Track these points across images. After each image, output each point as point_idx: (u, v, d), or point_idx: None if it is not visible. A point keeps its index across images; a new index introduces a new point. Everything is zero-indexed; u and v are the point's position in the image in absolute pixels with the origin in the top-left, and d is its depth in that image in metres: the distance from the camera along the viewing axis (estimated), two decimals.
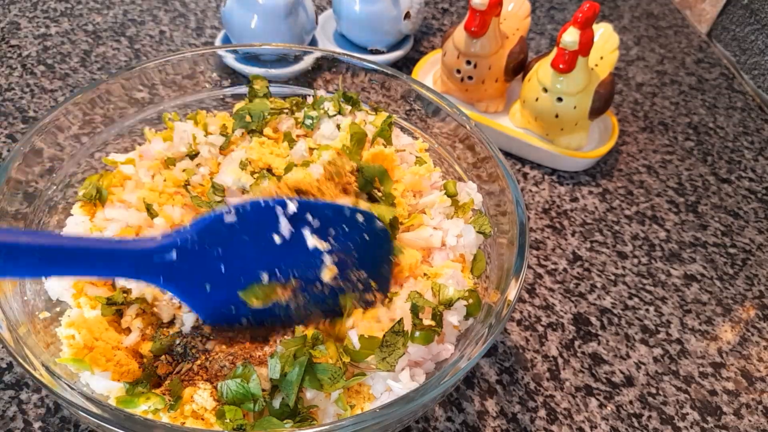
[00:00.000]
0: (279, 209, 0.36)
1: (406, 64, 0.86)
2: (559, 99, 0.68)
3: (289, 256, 0.37)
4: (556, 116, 0.69)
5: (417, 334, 0.39)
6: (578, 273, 0.64)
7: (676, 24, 1.07)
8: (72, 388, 0.33)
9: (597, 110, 0.69)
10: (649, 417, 0.53)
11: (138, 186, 0.46)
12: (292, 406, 0.36)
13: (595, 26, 0.67)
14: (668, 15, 1.09)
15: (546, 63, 0.68)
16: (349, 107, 0.52)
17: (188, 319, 0.39)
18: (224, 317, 0.38)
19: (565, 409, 0.53)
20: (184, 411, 0.36)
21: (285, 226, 0.36)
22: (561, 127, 0.71)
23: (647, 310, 0.61)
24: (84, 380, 0.37)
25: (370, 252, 0.40)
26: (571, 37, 0.64)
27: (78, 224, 0.44)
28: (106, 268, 0.34)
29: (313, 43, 0.82)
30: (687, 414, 0.53)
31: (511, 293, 0.39)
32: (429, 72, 0.81)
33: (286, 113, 0.52)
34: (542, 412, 0.52)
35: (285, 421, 0.35)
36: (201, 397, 0.36)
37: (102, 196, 0.45)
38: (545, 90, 0.69)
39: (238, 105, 0.51)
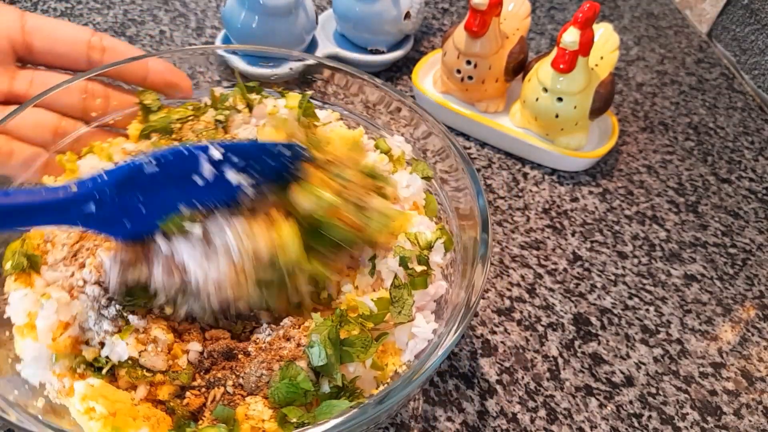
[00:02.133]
0: (202, 155, 0.36)
1: (406, 64, 0.86)
2: (560, 99, 0.68)
3: (211, 191, 0.37)
4: (556, 116, 0.69)
5: (415, 281, 0.41)
6: (578, 273, 0.64)
7: (676, 24, 1.07)
8: None
9: (597, 110, 0.69)
10: (649, 417, 0.53)
11: (69, 239, 0.42)
12: (341, 384, 0.36)
13: (595, 26, 0.67)
14: (668, 15, 1.09)
15: (546, 63, 0.68)
16: (257, 96, 0.51)
17: (193, 347, 0.38)
18: (141, 239, 0.38)
19: (565, 409, 0.53)
20: (244, 430, 0.35)
21: (208, 170, 0.36)
22: (561, 127, 0.71)
23: (647, 310, 0.61)
24: None
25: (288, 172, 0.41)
26: (571, 37, 0.64)
27: (22, 298, 0.39)
28: (24, 220, 0.34)
29: (314, 42, 0.82)
30: (687, 414, 0.53)
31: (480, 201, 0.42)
32: (429, 72, 0.81)
33: (192, 120, 0.49)
34: (542, 412, 0.52)
35: (342, 399, 0.36)
36: (255, 410, 0.36)
37: (34, 263, 0.41)
38: (545, 90, 0.69)
39: (133, 126, 0.49)
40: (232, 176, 0.37)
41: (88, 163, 0.46)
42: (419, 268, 0.42)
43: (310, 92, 0.51)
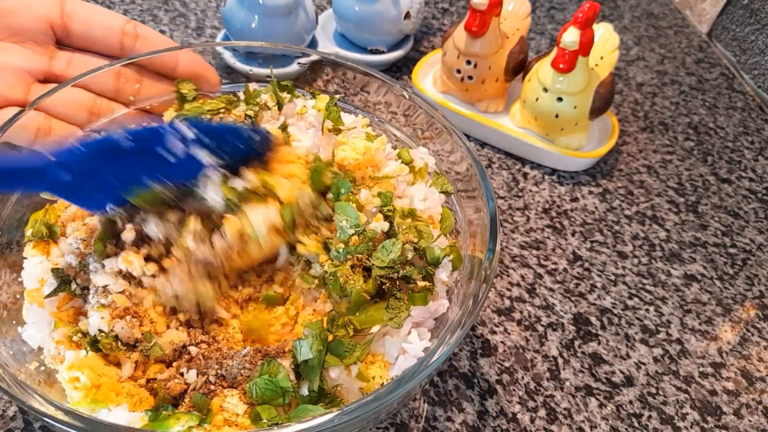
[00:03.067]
0: (174, 133, 0.38)
1: (406, 64, 0.86)
2: (560, 99, 0.68)
3: (181, 168, 0.39)
4: (557, 116, 0.69)
5: (414, 297, 0.41)
6: (578, 273, 0.64)
7: (676, 24, 1.07)
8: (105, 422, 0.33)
9: (597, 110, 0.69)
10: (649, 417, 0.53)
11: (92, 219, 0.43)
12: (316, 389, 0.36)
13: (595, 26, 0.67)
14: (668, 15, 1.09)
15: (546, 63, 0.68)
16: (288, 95, 0.52)
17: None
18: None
19: (565, 409, 0.53)
20: (217, 422, 0.36)
21: (180, 149, 0.38)
22: (561, 127, 0.71)
23: (647, 310, 0.61)
24: (102, 418, 0.36)
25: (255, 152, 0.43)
26: (571, 36, 0.64)
27: (36, 265, 0.41)
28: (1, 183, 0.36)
29: (313, 42, 0.82)
30: (687, 414, 0.53)
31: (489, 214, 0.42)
32: (429, 72, 0.81)
33: (223, 112, 0.50)
34: (542, 412, 0.52)
35: (318, 405, 0.36)
36: (230, 403, 0.36)
37: (53, 233, 0.42)
38: (545, 90, 0.69)
39: (168, 113, 0.50)
40: (201, 155, 0.39)
41: None
42: (421, 284, 0.41)
43: (337, 96, 0.52)
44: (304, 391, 0.36)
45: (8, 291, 0.41)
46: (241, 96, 0.52)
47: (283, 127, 0.47)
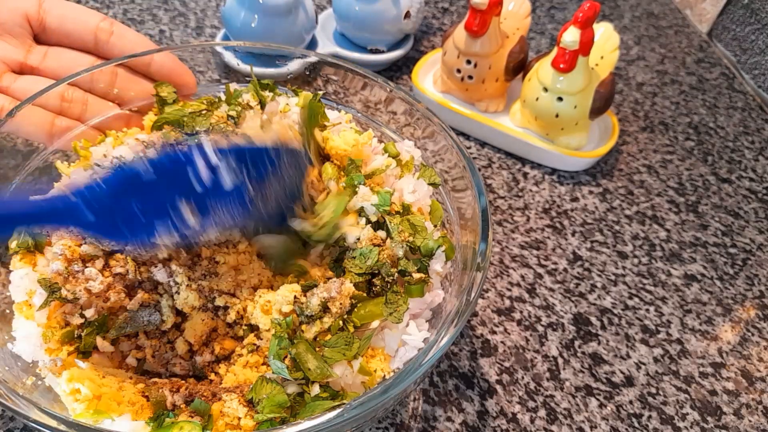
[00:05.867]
0: (199, 159, 0.36)
1: (406, 64, 0.86)
2: (560, 99, 0.68)
3: (208, 194, 0.37)
4: (557, 116, 0.69)
5: (411, 289, 0.41)
6: (578, 273, 0.64)
7: (676, 24, 1.06)
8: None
9: (597, 110, 0.69)
10: (649, 417, 0.53)
11: None
12: (303, 377, 0.36)
13: (595, 26, 0.67)
14: (669, 14, 1.09)
15: (546, 62, 0.68)
16: (270, 94, 0.52)
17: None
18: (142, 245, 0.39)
19: (565, 409, 0.53)
20: (219, 427, 0.36)
21: (205, 175, 0.36)
22: (561, 127, 0.71)
23: (647, 310, 0.61)
24: (106, 428, 0.36)
25: (288, 176, 0.41)
26: (571, 36, 0.64)
27: (23, 277, 0.41)
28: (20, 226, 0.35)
29: (313, 42, 0.82)
30: (687, 414, 0.53)
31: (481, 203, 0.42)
32: (429, 71, 0.81)
33: (204, 114, 0.50)
34: (542, 412, 0.52)
35: (324, 401, 0.36)
36: (230, 407, 0.36)
37: (39, 243, 0.42)
38: (545, 89, 0.68)
39: (148, 117, 0.49)
40: (228, 179, 0.37)
41: (101, 150, 0.46)
42: (417, 276, 0.41)
43: (321, 92, 0.51)
44: (316, 390, 0.37)
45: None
46: (222, 96, 0.52)
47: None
